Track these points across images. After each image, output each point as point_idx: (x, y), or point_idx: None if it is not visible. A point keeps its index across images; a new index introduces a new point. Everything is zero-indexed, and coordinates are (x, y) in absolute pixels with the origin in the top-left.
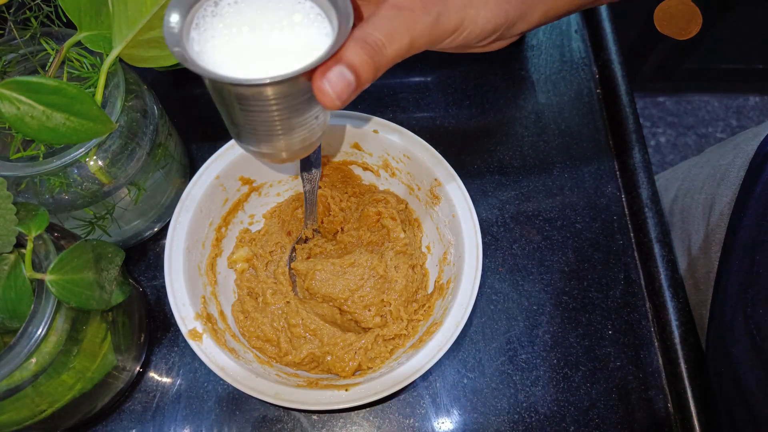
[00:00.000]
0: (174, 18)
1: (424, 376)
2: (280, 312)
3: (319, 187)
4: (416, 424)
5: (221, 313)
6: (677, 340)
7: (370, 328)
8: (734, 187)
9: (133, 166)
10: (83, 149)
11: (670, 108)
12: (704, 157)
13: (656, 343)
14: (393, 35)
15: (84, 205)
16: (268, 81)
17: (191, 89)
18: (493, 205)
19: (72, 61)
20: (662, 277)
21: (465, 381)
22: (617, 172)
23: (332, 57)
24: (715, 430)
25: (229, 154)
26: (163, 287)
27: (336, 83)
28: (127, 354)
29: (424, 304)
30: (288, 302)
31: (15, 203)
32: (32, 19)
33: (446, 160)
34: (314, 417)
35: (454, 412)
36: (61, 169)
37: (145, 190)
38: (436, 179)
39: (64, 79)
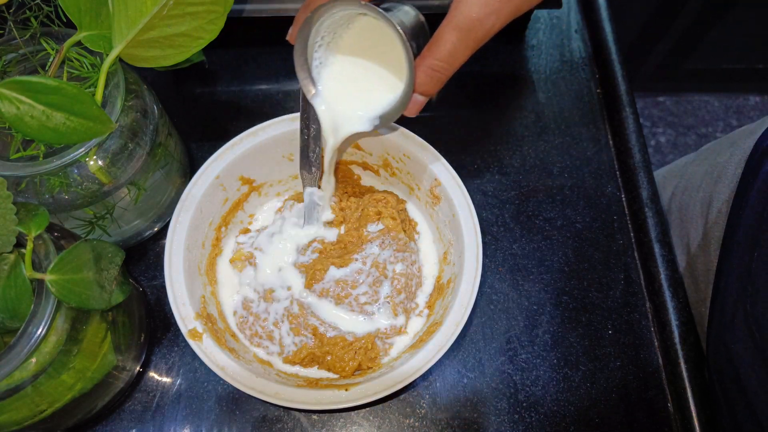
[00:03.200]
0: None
1: (424, 376)
2: (280, 311)
3: (319, 187)
4: (416, 424)
5: (221, 312)
6: (677, 340)
7: None
8: (732, 184)
9: (133, 166)
10: (83, 149)
11: (670, 108)
12: (701, 155)
13: (656, 343)
14: (455, 56)
15: (84, 205)
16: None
17: (191, 89)
18: (493, 205)
19: (72, 61)
20: (662, 276)
21: (465, 381)
22: (617, 172)
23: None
24: (716, 429)
25: (229, 154)
26: (163, 287)
27: (412, 109)
28: (127, 354)
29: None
30: (288, 301)
31: (15, 203)
32: (32, 19)
33: (446, 160)
34: (314, 417)
35: (454, 412)
36: (61, 169)
37: (145, 190)
38: (436, 179)
39: (64, 79)
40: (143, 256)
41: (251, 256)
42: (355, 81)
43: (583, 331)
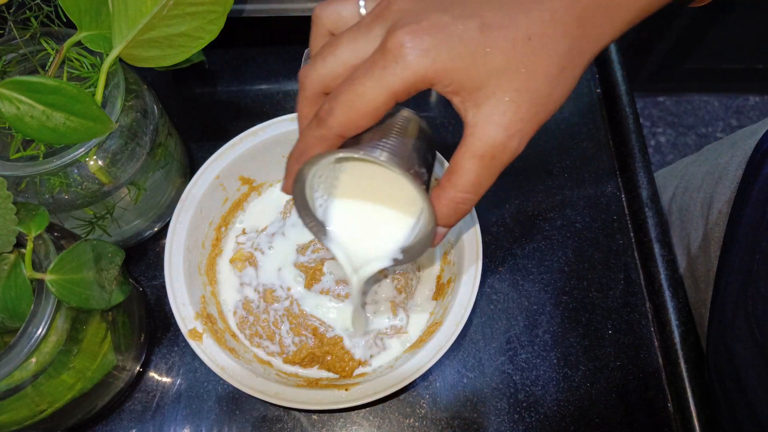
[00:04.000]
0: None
1: (424, 376)
2: (280, 311)
3: None
4: (416, 424)
5: (221, 312)
6: (677, 340)
7: None
8: (733, 185)
9: (133, 166)
10: (83, 149)
11: (670, 108)
12: (702, 156)
13: (656, 343)
14: (479, 185)
15: (84, 204)
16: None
17: (191, 89)
18: (493, 205)
19: (72, 61)
20: (662, 276)
21: (465, 381)
22: (617, 172)
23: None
24: (716, 429)
25: (229, 153)
26: (163, 287)
27: (437, 240)
28: (127, 354)
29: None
30: (288, 300)
31: (15, 203)
32: (32, 19)
33: (446, 160)
34: (314, 417)
35: (454, 412)
36: (61, 169)
37: (145, 189)
38: (436, 179)
39: (64, 79)
40: (143, 256)
41: (251, 256)
42: (365, 219)
43: (583, 331)
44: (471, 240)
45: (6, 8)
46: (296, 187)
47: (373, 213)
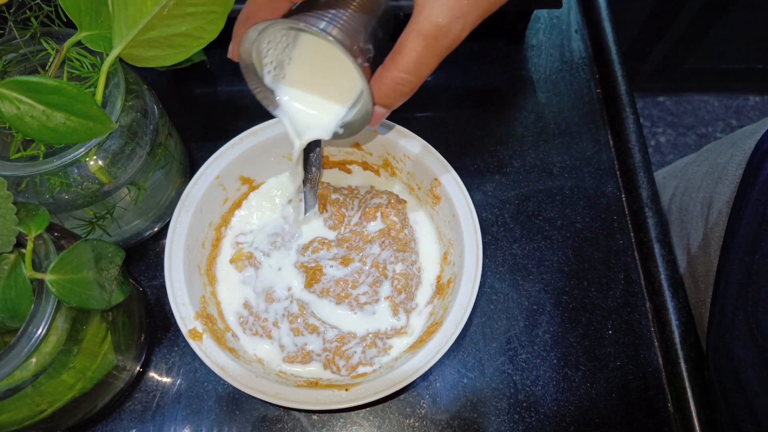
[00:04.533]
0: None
1: (424, 376)
2: (280, 311)
3: (319, 187)
4: (416, 424)
5: (221, 312)
6: (677, 340)
7: None
8: (732, 186)
9: (133, 166)
10: (83, 149)
11: (670, 108)
12: (701, 156)
13: (656, 343)
14: (420, 67)
15: (84, 205)
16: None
17: (191, 89)
18: (493, 205)
19: (72, 61)
20: (662, 276)
21: (465, 381)
22: (617, 172)
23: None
24: (716, 429)
25: (229, 153)
26: (163, 287)
27: (375, 121)
28: (127, 354)
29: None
30: (288, 300)
31: (15, 203)
32: (32, 19)
33: (446, 160)
34: (314, 417)
35: (454, 412)
36: (61, 169)
37: (145, 189)
38: (436, 179)
39: (64, 78)
40: (143, 256)
41: (251, 256)
42: (312, 91)
43: (583, 331)
44: (471, 240)
45: (6, 8)
46: (242, 52)
47: (319, 86)
